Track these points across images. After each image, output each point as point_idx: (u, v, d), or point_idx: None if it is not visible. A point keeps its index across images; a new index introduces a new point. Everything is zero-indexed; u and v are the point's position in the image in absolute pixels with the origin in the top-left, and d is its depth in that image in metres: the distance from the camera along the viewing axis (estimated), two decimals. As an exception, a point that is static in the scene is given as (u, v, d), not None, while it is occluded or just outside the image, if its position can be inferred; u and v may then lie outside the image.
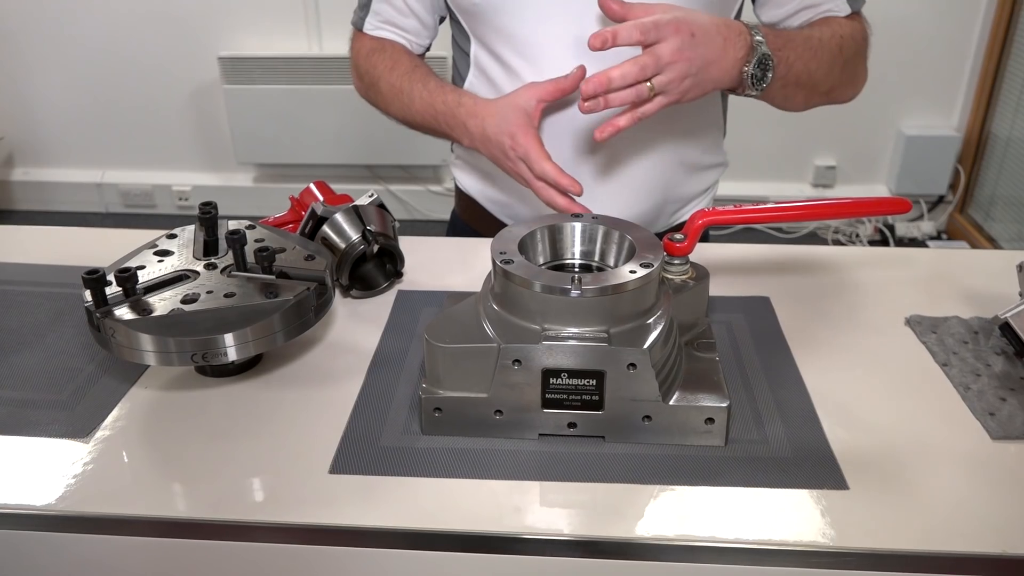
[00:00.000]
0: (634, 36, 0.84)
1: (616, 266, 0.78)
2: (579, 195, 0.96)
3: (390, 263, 1.01)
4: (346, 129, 3.28)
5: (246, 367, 0.85)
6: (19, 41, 3.33)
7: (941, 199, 3.39)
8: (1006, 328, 0.82)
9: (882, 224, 3.36)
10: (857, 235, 3.35)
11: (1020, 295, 0.84)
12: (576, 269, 0.81)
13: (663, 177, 1.12)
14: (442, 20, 1.20)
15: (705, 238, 1.10)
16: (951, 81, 3.21)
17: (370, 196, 1.03)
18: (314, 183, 1.09)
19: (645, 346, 0.71)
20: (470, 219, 1.29)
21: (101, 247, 1.07)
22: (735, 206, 0.82)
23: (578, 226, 0.81)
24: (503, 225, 1.21)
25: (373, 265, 1.00)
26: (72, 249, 1.09)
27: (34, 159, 3.62)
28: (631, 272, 0.73)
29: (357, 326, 0.93)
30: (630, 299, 0.72)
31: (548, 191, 0.97)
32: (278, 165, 3.49)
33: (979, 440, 0.75)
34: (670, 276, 0.82)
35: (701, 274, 0.83)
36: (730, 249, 1.09)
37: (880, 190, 3.41)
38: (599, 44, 0.83)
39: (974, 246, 3.16)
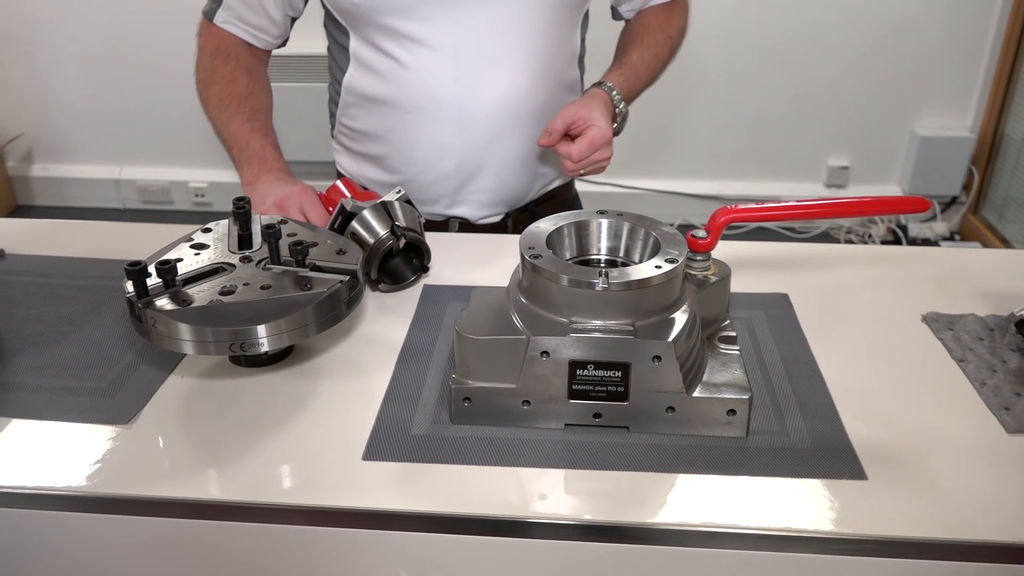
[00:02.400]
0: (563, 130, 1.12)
1: (641, 261, 0.80)
2: None
3: (417, 257, 1.03)
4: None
5: (279, 358, 0.88)
6: (37, 39, 3.37)
7: (954, 200, 3.39)
8: (1022, 325, 0.83)
9: (895, 225, 3.37)
10: (870, 235, 3.36)
11: (1035, 293, 0.86)
12: (602, 264, 0.83)
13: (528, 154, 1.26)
14: (294, 20, 1.26)
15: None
16: (965, 82, 3.21)
17: (397, 192, 1.05)
18: (340, 180, 1.11)
19: (670, 339, 0.73)
20: None
21: (130, 241, 1.11)
22: (757, 203, 0.84)
23: (604, 222, 0.83)
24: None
25: (400, 259, 1.02)
26: (102, 243, 1.12)
27: (52, 155, 3.66)
28: (656, 267, 0.75)
29: (386, 319, 0.96)
30: (655, 293, 0.75)
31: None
32: (295, 162, 3.51)
33: (995, 434, 0.77)
34: (693, 272, 0.84)
35: (723, 270, 0.85)
36: (750, 247, 1.11)
37: (893, 190, 3.41)
38: (546, 142, 1.12)
39: (987, 247, 3.16)
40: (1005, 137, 3.18)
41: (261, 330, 0.78)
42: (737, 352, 0.81)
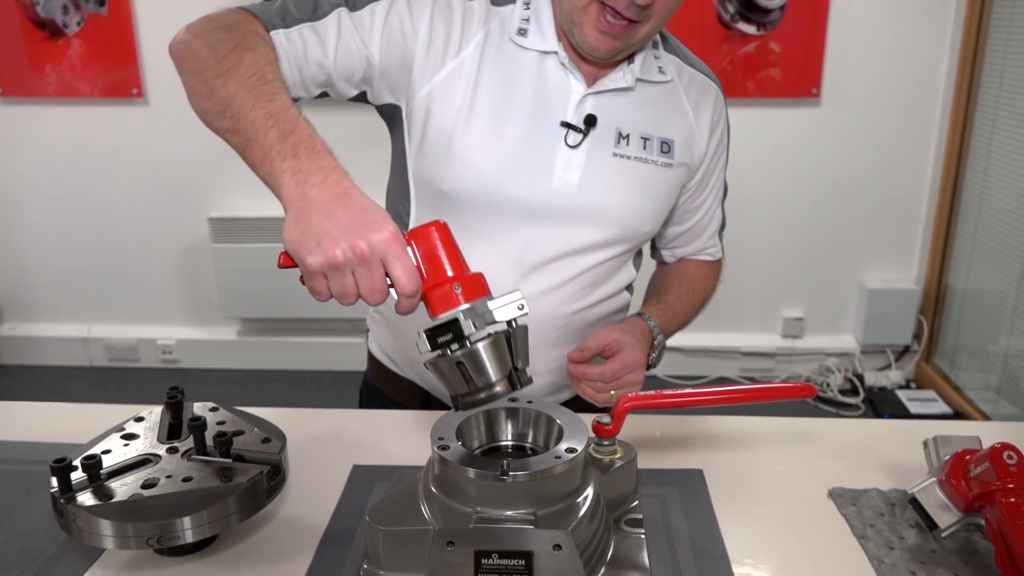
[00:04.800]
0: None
1: (547, 448, 0.85)
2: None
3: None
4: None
5: (202, 546, 0.89)
6: (11, 198, 3.49)
7: (907, 348, 3.49)
8: (915, 503, 0.87)
9: (851, 374, 3.44)
10: (828, 384, 3.42)
11: (927, 472, 0.90)
12: (510, 451, 0.87)
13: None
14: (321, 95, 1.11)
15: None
16: (907, 237, 3.38)
17: (519, 306, 0.80)
18: (434, 226, 0.81)
19: (569, 528, 0.76)
20: (381, 383, 1.36)
21: (78, 422, 1.13)
22: (656, 392, 0.90)
23: (511, 411, 0.88)
24: (415, 389, 1.28)
25: None
26: (48, 425, 1.15)
27: (22, 314, 3.71)
28: (556, 457, 0.79)
29: (311, 501, 0.98)
30: (557, 482, 0.79)
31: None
32: (262, 319, 3.59)
33: (889, 614, 0.80)
34: (599, 456, 0.88)
35: (629, 453, 0.89)
36: (669, 421, 1.15)
37: (847, 340, 3.51)
38: (578, 358, 1.12)
39: (942, 395, 3.23)
40: (949, 288, 3.31)
41: (184, 522, 0.80)
42: (642, 535, 0.84)
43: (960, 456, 0.85)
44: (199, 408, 0.98)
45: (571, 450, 0.80)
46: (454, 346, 0.77)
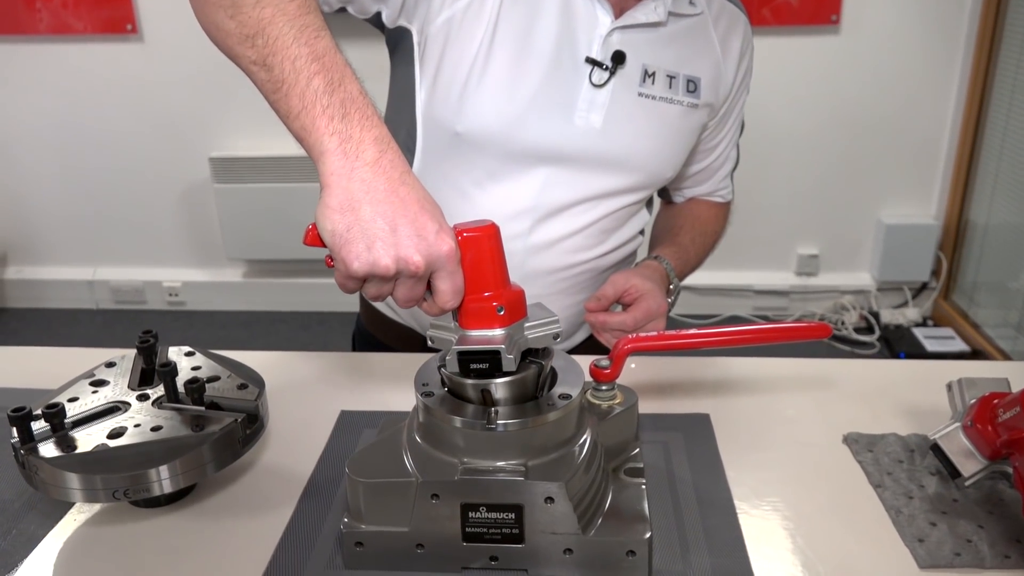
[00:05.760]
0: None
1: (540, 395, 0.79)
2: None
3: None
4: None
5: (178, 496, 0.85)
6: (13, 142, 3.42)
7: (925, 285, 3.41)
8: (936, 450, 0.81)
9: (867, 312, 3.37)
10: (843, 322, 3.36)
11: (951, 417, 0.84)
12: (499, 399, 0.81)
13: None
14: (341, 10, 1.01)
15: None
16: (927, 171, 3.27)
17: (553, 332, 0.75)
18: (488, 234, 0.71)
19: (563, 479, 0.71)
20: (375, 328, 1.29)
21: (56, 366, 1.08)
22: (659, 332, 0.83)
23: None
24: (412, 335, 1.22)
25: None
26: (25, 371, 1.10)
27: (27, 258, 3.67)
28: (549, 404, 0.73)
29: (296, 448, 0.93)
30: (549, 431, 0.73)
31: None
32: (267, 261, 3.53)
33: (907, 568, 0.74)
34: (596, 401, 0.82)
35: (629, 398, 0.84)
36: (674, 363, 1.09)
37: (863, 278, 3.43)
38: (595, 307, 1.07)
39: (960, 332, 3.16)
40: (969, 223, 3.21)
41: (152, 474, 0.75)
42: (642, 485, 0.78)
43: (987, 400, 0.79)
44: (174, 353, 0.92)
45: (565, 396, 0.74)
46: (487, 378, 0.72)
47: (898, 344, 3.16)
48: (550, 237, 1.11)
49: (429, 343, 0.76)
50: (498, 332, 0.72)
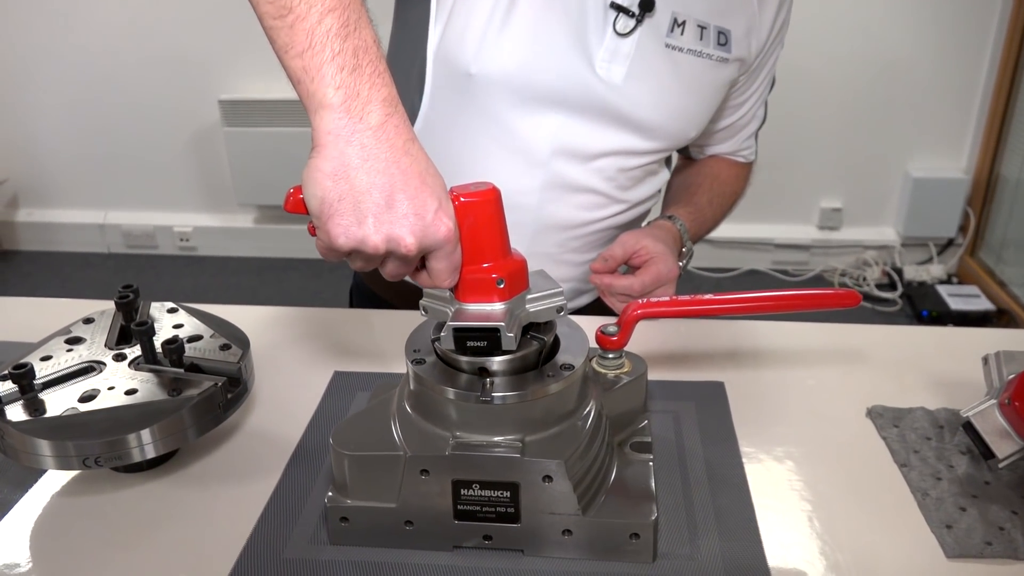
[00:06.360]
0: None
1: (539, 365, 0.73)
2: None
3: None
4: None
5: (160, 461, 0.80)
6: (23, 84, 3.36)
7: (951, 242, 3.31)
8: (969, 428, 0.75)
9: (890, 268, 3.28)
10: (864, 278, 3.27)
11: (986, 393, 0.78)
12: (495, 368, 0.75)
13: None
14: None
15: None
16: (958, 123, 3.14)
17: (558, 307, 0.69)
18: (489, 200, 0.65)
19: (562, 457, 0.65)
20: (374, 283, 1.24)
21: (44, 319, 1.03)
22: (671, 298, 0.77)
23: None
24: (411, 289, 1.16)
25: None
26: (12, 322, 1.06)
27: (38, 200, 3.64)
28: (549, 375, 0.67)
29: (285, 412, 0.88)
30: (549, 404, 0.67)
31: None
32: (279, 207, 3.47)
33: (933, 558, 0.69)
34: (602, 370, 0.77)
35: (638, 367, 0.78)
36: (688, 327, 1.03)
37: (888, 232, 3.33)
38: (601, 268, 1.01)
39: (985, 290, 3.07)
40: (1000, 178, 3.10)
41: (135, 438, 0.71)
42: (649, 461, 0.73)
43: (1028, 376, 0.72)
44: (156, 308, 0.87)
45: (567, 367, 0.68)
46: (484, 355, 0.66)
47: (921, 302, 3.08)
48: (560, 192, 1.05)
49: (423, 314, 0.70)
50: (498, 307, 0.66)
